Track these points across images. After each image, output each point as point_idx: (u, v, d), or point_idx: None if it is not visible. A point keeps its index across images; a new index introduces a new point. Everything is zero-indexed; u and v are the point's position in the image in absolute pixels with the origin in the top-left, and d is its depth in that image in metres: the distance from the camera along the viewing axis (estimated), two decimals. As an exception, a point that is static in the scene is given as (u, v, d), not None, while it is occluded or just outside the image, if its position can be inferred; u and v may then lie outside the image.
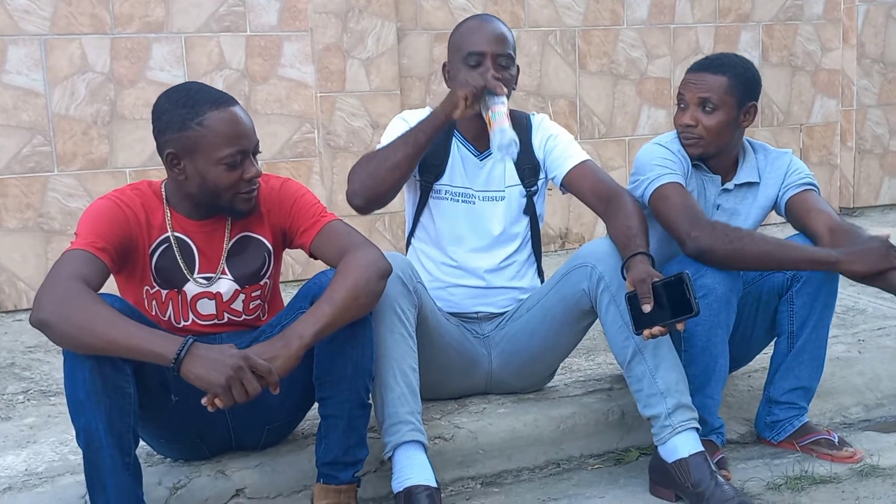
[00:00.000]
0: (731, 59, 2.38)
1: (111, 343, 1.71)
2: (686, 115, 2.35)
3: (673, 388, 2.14)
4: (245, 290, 2.09)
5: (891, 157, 5.41)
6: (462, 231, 2.39)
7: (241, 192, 1.96)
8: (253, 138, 1.97)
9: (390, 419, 2.08)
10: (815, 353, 2.41)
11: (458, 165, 2.37)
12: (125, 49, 3.91)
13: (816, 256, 2.20)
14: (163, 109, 1.94)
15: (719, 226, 2.23)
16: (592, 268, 2.18)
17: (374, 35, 4.19)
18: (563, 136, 2.42)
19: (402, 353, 2.09)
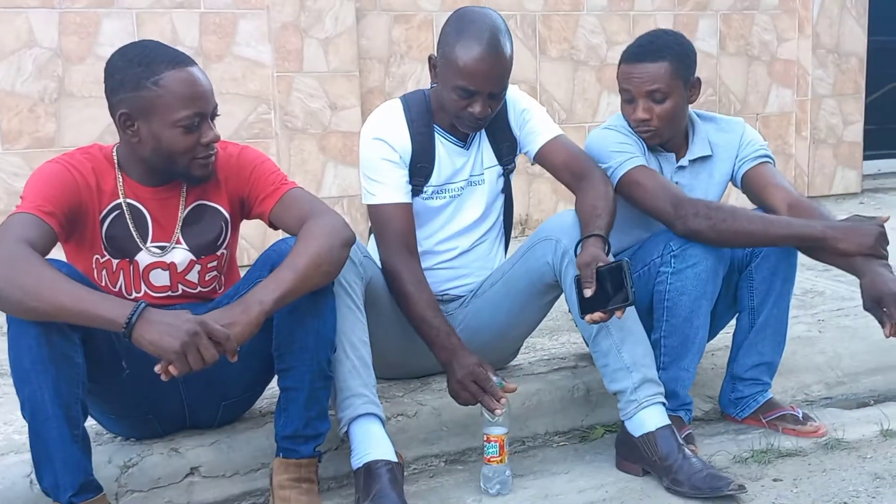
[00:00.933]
0: (664, 39, 2.31)
1: (58, 308, 1.62)
2: (638, 109, 2.28)
3: (639, 363, 2.11)
4: (201, 260, 2.01)
5: (844, 147, 5.48)
6: (443, 222, 2.34)
7: (197, 156, 1.88)
8: (211, 101, 1.89)
9: (343, 393, 2.01)
10: (777, 328, 2.40)
11: (444, 160, 2.28)
12: (74, 24, 3.79)
13: (803, 232, 2.16)
14: (116, 67, 1.85)
15: (702, 205, 2.19)
16: (557, 241, 2.13)
17: (333, 14, 4.11)
18: (535, 108, 2.35)
19: (350, 326, 2.01)
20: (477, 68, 2.06)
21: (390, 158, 2.20)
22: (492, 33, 2.08)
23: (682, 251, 2.18)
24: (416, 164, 2.23)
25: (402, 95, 2.32)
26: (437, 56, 2.18)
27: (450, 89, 2.12)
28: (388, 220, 2.20)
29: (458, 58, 2.07)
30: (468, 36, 2.07)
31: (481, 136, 2.33)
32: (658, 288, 2.24)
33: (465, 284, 2.38)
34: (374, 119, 2.26)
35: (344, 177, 4.23)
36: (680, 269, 2.19)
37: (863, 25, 5.37)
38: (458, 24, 2.12)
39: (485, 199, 2.35)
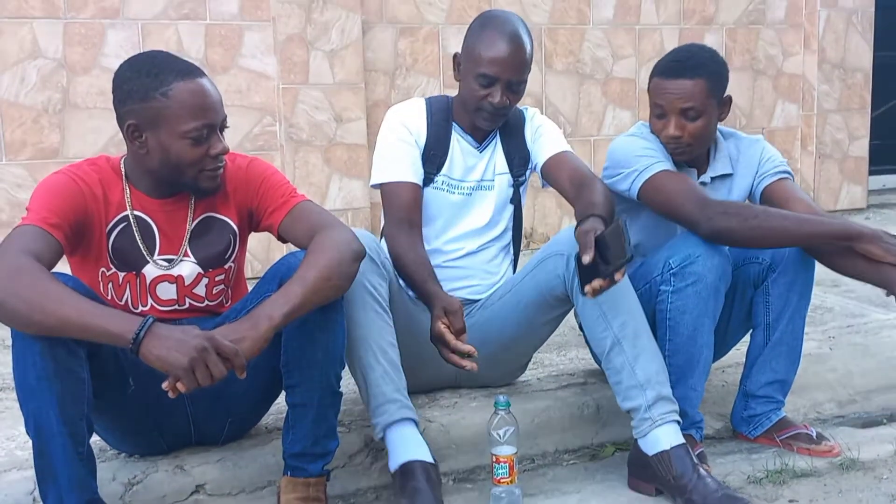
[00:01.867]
0: (701, 56, 2.29)
1: (64, 322, 1.58)
2: (670, 125, 2.26)
3: (653, 380, 2.08)
4: (208, 273, 1.98)
5: (850, 163, 5.45)
6: (451, 220, 2.35)
7: (206, 168, 1.85)
8: (220, 112, 1.86)
9: (377, 399, 2.01)
10: (792, 344, 2.37)
11: (458, 157, 2.34)
12: (78, 35, 3.77)
13: (836, 228, 2.14)
14: (125, 78, 1.82)
15: (731, 205, 2.17)
16: (569, 256, 2.11)
17: (339, 27, 4.10)
18: (549, 126, 2.41)
19: (379, 331, 2.02)
20: (497, 55, 2.17)
21: (405, 139, 2.28)
22: (513, 27, 2.21)
23: (681, 269, 2.15)
24: (430, 152, 2.30)
25: (427, 97, 2.41)
26: (460, 53, 2.28)
27: (471, 79, 2.21)
28: (396, 194, 2.26)
29: (481, 48, 2.19)
30: (490, 29, 2.20)
31: (496, 143, 2.37)
32: (659, 307, 2.21)
33: (470, 286, 2.37)
34: (399, 106, 2.37)
35: (349, 189, 4.20)
36: (680, 287, 2.16)
37: (868, 41, 5.36)
38: (482, 20, 2.25)
39: (493, 205, 2.37)
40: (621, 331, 2.07)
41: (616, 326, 2.08)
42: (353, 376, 2.00)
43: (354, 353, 2.01)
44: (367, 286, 2.00)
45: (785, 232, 2.14)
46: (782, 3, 5.19)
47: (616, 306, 2.08)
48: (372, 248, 2.04)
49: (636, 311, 2.11)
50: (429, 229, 2.33)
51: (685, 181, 2.23)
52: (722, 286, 2.20)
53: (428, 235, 2.32)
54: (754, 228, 2.12)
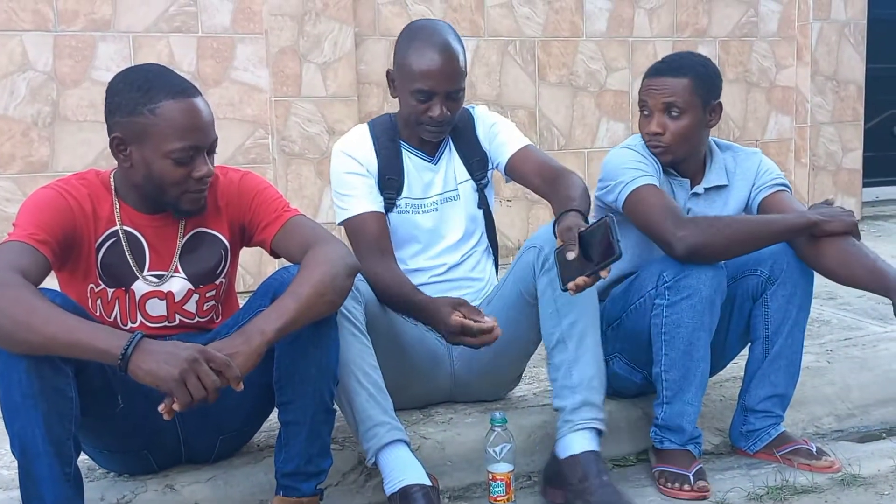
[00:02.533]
0: (690, 58, 2.33)
1: (51, 339, 1.55)
2: (652, 122, 2.27)
3: (585, 384, 2.07)
4: (199, 289, 1.95)
5: (844, 174, 5.45)
6: (428, 241, 2.31)
7: (188, 190, 1.82)
8: (210, 134, 1.82)
9: (365, 424, 1.97)
10: (791, 358, 2.34)
11: (413, 175, 2.29)
12: (69, 47, 3.74)
13: (796, 222, 2.20)
14: (116, 90, 1.80)
15: (701, 219, 2.18)
16: (540, 249, 2.10)
17: (332, 39, 4.08)
18: (503, 122, 2.37)
19: (357, 353, 1.98)
20: (430, 69, 2.11)
21: (356, 171, 2.23)
22: (441, 37, 2.15)
23: (675, 282, 2.13)
24: (385, 177, 2.25)
25: (370, 121, 2.35)
26: (392, 70, 2.23)
27: (408, 95, 2.16)
28: (361, 228, 2.22)
29: (412, 62, 2.13)
30: (419, 41, 2.14)
31: (450, 152, 2.33)
32: (654, 321, 2.19)
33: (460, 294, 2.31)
34: (340, 140, 2.31)
35: (341, 203, 4.16)
36: (675, 300, 2.14)
37: (861, 53, 5.36)
38: (409, 34, 2.20)
39: (464, 214, 2.34)
40: (569, 330, 2.07)
41: (565, 324, 2.07)
42: (337, 402, 1.96)
43: None
44: (343, 311, 1.94)
45: (754, 234, 2.17)
46: (775, 15, 5.20)
47: (570, 304, 2.07)
48: None
49: (590, 312, 2.10)
50: (405, 252, 2.29)
51: (664, 198, 2.21)
52: (718, 299, 2.18)
53: (404, 258, 2.28)
54: (727, 238, 2.12)
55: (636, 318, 2.28)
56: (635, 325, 2.29)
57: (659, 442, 2.26)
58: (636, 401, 2.52)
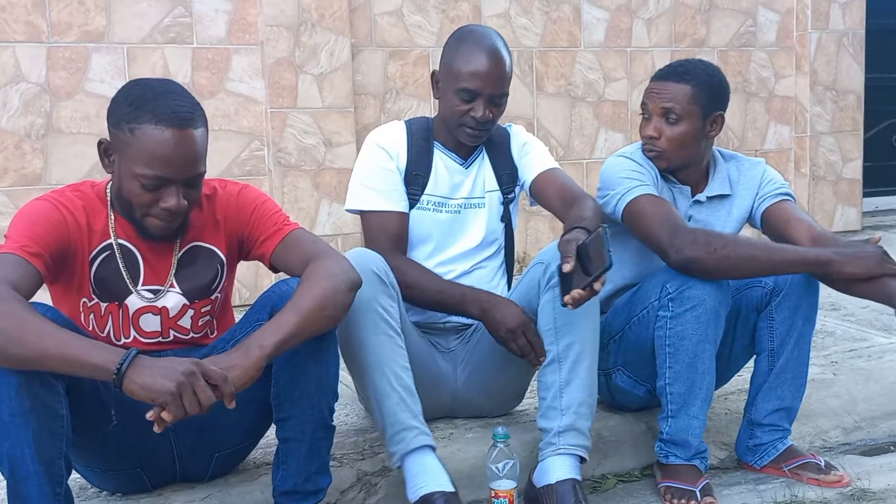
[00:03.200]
0: (696, 65, 2.29)
1: (43, 354, 1.50)
2: (649, 125, 2.26)
3: (573, 409, 2.04)
4: (194, 304, 1.91)
5: (844, 185, 5.43)
6: (442, 241, 2.29)
7: (152, 215, 1.75)
8: (188, 170, 1.73)
9: (393, 427, 1.94)
10: (797, 370, 2.30)
11: (442, 174, 2.28)
12: (62, 59, 3.70)
13: (808, 257, 2.09)
14: (117, 98, 1.76)
15: (701, 233, 2.11)
16: (547, 265, 2.08)
17: (328, 50, 4.04)
18: (536, 143, 2.37)
19: (392, 355, 1.96)
20: (477, 69, 2.13)
21: (385, 165, 2.22)
22: (491, 40, 2.18)
23: (679, 294, 2.09)
24: (412, 173, 2.24)
25: (407, 119, 2.36)
26: (438, 71, 2.25)
27: (452, 94, 2.17)
28: (383, 226, 2.20)
29: (460, 63, 2.15)
30: (468, 43, 2.17)
31: (483, 159, 2.32)
32: (658, 333, 2.15)
33: None
34: (375, 131, 2.31)
35: (339, 214, 4.13)
36: (679, 312, 2.10)
37: (860, 63, 5.35)
38: (459, 36, 2.22)
39: (485, 223, 2.31)
40: (565, 351, 2.04)
41: (562, 345, 2.04)
42: (365, 403, 1.95)
43: (367, 380, 1.95)
44: (377, 309, 1.94)
45: (754, 261, 2.08)
46: (773, 25, 5.19)
47: (569, 325, 2.04)
48: (380, 267, 1.99)
49: (588, 335, 2.06)
50: (419, 252, 2.26)
51: (662, 207, 2.18)
52: (722, 311, 2.14)
53: (418, 258, 2.26)
54: (722, 259, 2.06)
55: (639, 331, 2.24)
56: (638, 337, 2.25)
57: (664, 457, 2.22)
58: (640, 414, 2.48)
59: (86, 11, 3.71)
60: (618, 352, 2.33)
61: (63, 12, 3.67)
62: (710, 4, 5.00)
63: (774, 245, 2.16)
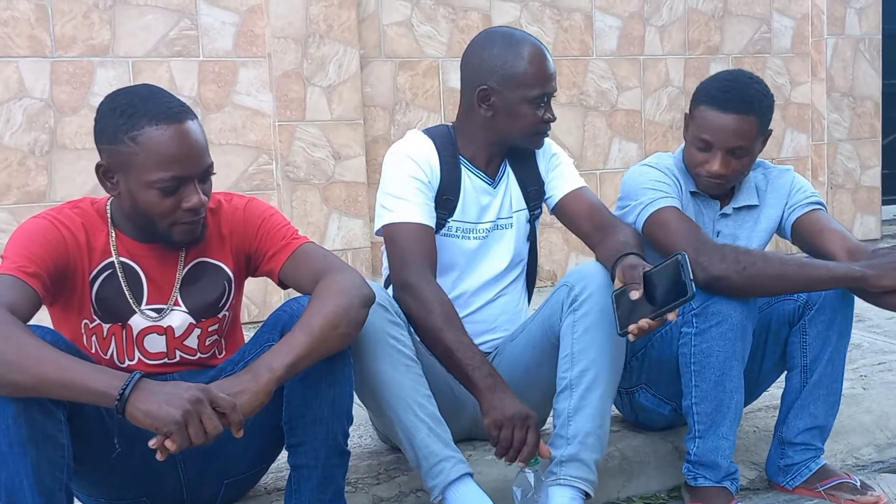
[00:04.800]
0: (755, 89, 2.13)
1: (42, 380, 1.43)
2: (715, 162, 2.12)
3: (579, 438, 1.91)
4: (201, 323, 1.83)
5: (863, 192, 5.33)
6: (466, 269, 2.16)
7: (179, 221, 1.69)
8: (200, 162, 1.68)
9: (429, 460, 1.84)
10: (831, 387, 2.20)
11: (471, 197, 2.13)
12: (66, 73, 3.64)
13: (839, 273, 1.98)
14: (101, 113, 1.68)
15: (729, 249, 2.01)
16: (570, 287, 1.96)
17: (336, 62, 3.98)
18: (564, 157, 2.26)
19: (414, 385, 1.86)
20: (548, 70, 2.06)
21: (419, 177, 2.05)
22: (532, 37, 2.09)
23: (703, 309, 2.00)
24: (442, 196, 2.09)
25: (424, 129, 2.18)
26: (489, 85, 2.05)
27: (523, 106, 2.05)
28: (413, 240, 1.99)
29: (528, 68, 2.03)
30: (522, 46, 2.04)
31: (509, 177, 2.19)
32: (682, 350, 2.06)
33: (491, 340, 2.20)
34: (402, 143, 2.12)
35: (348, 228, 4.05)
36: (703, 328, 2.01)
37: (877, 68, 5.26)
38: (506, 41, 2.06)
39: (512, 245, 2.19)
40: (578, 378, 1.92)
41: (576, 371, 1.92)
42: (393, 437, 1.86)
43: (393, 414, 1.85)
44: (389, 340, 1.83)
45: (785, 280, 1.98)
46: (788, 31, 5.11)
47: (586, 350, 1.92)
48: (385, 298, 1.88)
49: (605, 361, 1.93)
50: (441, 280, 2.09)
51: (687, 222, 2.09)
52: (749, 325, 2.04)
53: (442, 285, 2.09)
54: (752, 278, 1.96)
55: (662, 348, 2.15)
56: (661, 354, 2.16)
57: (692, 479, 2.12)
58: (665, 434, 2.38)
59: (90, 25, 3.65)
60: (640, 369, 2.24)
61: (67, 26, 3.62)
62: (723, 11, 4.92)
63: (805, 261, 2.05)
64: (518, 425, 1.85)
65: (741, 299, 2.01)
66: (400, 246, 2.00)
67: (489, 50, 2.06)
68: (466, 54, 2.13)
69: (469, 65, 2.11)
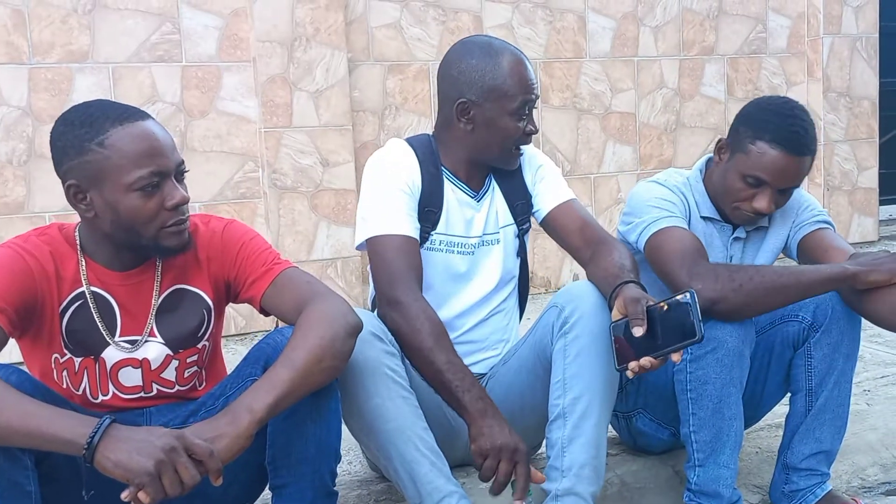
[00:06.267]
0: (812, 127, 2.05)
1: (4, 428, 1.34)
2: (764, 199, 2.03)
3: (575, 471, 1.82)
4: (178, 355, 1.73)
5: (860, 194, 5.26)
6: (454, 288, 2.07)
7: (166, 224, 1.60)
8: (173, 157, 1.60)
9: (433, 497, 1.75)
10: (838, 411, 2.11)
11: (454, 210, 2.04)
12: (45, 80, 3.54)
13: (833, 273, 1.92)
14: (58, 133, 1.58)
15: (722, 269, 1.92)
16: (561, 309, 1.87)
17: (324, 66, 3.88)
18: (551, 167, 2.15)
19: (412, 418, 1.77)
20: (529, 80, 1.96)
21: (401, 188, 1.95)
22: (509, 45, 2.00)
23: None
24: (424, 207, 1.99)
25: (406, 138, 2.09)
26: (468, 98, 1.96)
27: (507, 118, 1.95)
28: (398, 253, 1.89)
29: (509, 80, 1.93)
30: (502, 56, 1.95)
31: (494, 191, 2.10)
32: (678, 377, 1.97)
33: (483, 360, 2.11)
34: (383, 152, 2.02)
35: (337, 237, 3.96)
36: (699, 355, 1.92)
37: (874, 67, 5.20)
38: (479, 51, 1.97)
39: (501, 262, 2.09)
40: (571, 406, 1.83)
41: (568, 399, 1.83)
42: (390, 472, 1.77)
43: (393, 448, 1.76)
44: (385, 371, 1.74)
45: (782, 289, 1.91)
46: (784, 30, 5.03)
47: (580, 375, 1.83)
48: (377, 326, 1.78)
49: (598, 386, 1.84)
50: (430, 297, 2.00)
51: (685, 243, 1.99)
52: (746, 350, 1.96)
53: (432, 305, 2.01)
54: (749, 293, 1.88)
55: (658, 373, 2.04)
56: (657, 379, 2.08)
57: (695, 508, 2.04)
58: (665, 458, 2.30)
59: (69, 30, 3.54)
60: (637, 394, 2.16)
61: (45, 31, 3.51)
62: (718, 10, 4.84)
63: (798, 268, 1.98)
64: (505, 457, 1.76)
65: (737, 322, 1.92)
66: (385, 259, 1.90)
67: (467, 61, 1.96)
68: (443, 66, 2.03)
69: (446, 77, 2.01)
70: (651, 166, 4.68)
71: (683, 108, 4.80)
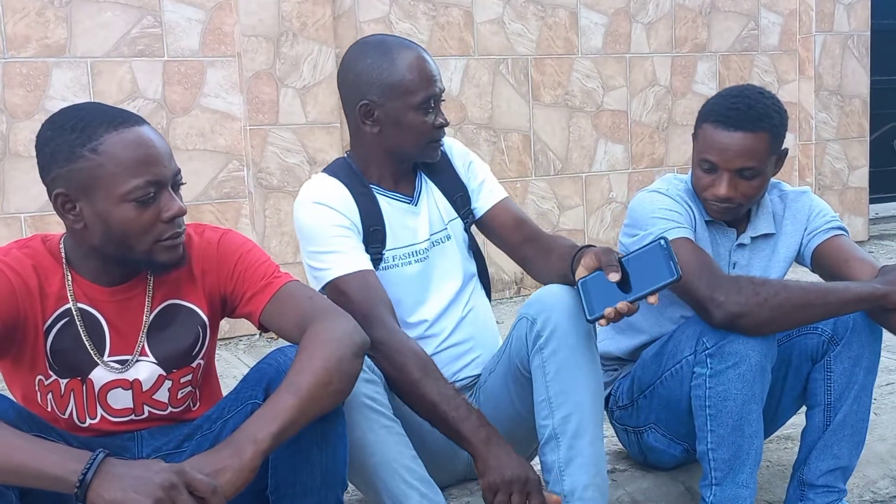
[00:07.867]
0: (764, 104, 1.97)
1: None
2: (721, 185, 1.95)
3: (578, 493, 1.75)
4: (171, 375, 1.63)
5: (850, 193, 5.24)
6: (420, 296, 1.99)
7: (160, 238, 1.50)
8: (170, 166, 1.50)
9: None
10: (857, 426, 2.05)
11: (396, 222, 1.97)
12: (20, 75, 3.42)
13: (864, 293, 1.85)
14: (46, 138, 1.47)
15: (745, 281, 1.84)
16: (532, 321, 1.79)
17: (311, 61, 3.78)
18: (480, 163, 2.12)
19: (397, 448, 1.69)
20: (430, 74, 1.90)
21: (341, 223, 1.88)
22: (405, 40, 1.96)
23: (718, 349, 1.84)
24: (370, 229, 1.92)
25: (322, 170, 2.02)
26: (369, 99, 1.90)
27: (411, 114, 1.90)
28: (362, 290, 1.82)
29: (408, 76, 1.88)
30: (397, 52, 1.90)
31: (429, 189, 2.04)
32: (696, 392, 1.90)
33: (473, 360, 2.04)
34: (309, 191, 1.93)
35: (325, 238, 3.86)
36: (720, 370, 1.85)
37: (865, 66, 5.17)
38: (374, 50, 1.92)
39: (458, 258, 2.03)
40: (562, 425, 1.75)
41: (558, 418, 1.75)
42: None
43: (379, 482, 1.68)
44: (364, 401, 1.65)
45: (810, 307, 1.84)
46: (776, 28, 4.99)
47: (565, 392, 1.75)
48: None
49: (587, 401, 1.77)
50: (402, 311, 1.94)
51: (699, 254, 1.92)
52: (768, 364, 1.88)
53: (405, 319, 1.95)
54: (775, 308, 1.80)
55: (672, 387, 1.98)
56: (671, 393, 1.99)
57: (710, 528, 1.96)
58: (675, 474, 2.23)
59: (45, 23, 3.42)
60: (649, 409, 2.08)
61: (20, 24, 3.39)
62: (710, 7, 4.79)
63: (825, 286, 1.91)
64: (517, 489, 1.69)
65: (760, 336, 1.85)
66: (350, 300, 1.81)
67: (362, 62, 1.89)
68: (341, 72, 1.97)
69: (345, 82, 1.94)
70: (643, 165, 4.61)
71: (675, 106, 4.74)
